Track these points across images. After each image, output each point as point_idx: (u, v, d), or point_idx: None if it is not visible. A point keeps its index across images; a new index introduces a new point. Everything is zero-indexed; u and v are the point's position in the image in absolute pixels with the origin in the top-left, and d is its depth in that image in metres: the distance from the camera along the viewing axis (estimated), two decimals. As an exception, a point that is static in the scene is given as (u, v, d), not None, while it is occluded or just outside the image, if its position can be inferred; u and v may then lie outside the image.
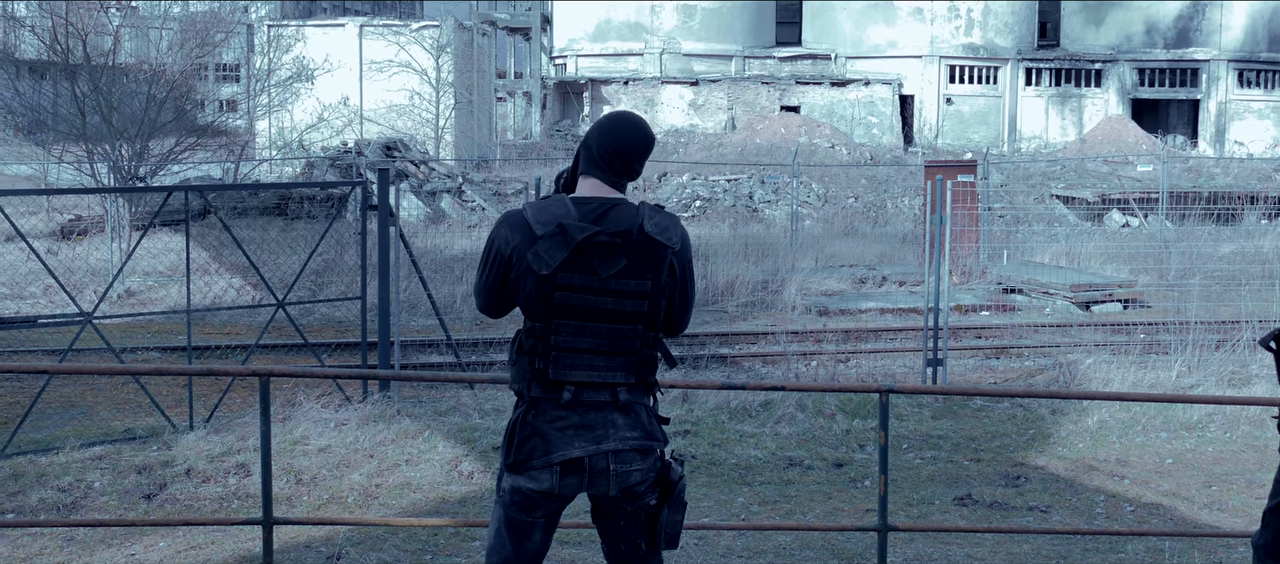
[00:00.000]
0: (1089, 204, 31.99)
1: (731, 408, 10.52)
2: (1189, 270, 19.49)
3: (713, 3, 58.22)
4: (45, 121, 30.67)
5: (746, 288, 19.19)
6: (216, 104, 43.45)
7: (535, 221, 3.89)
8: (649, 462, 4.00)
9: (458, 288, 18.14)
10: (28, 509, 8.18)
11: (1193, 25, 58.13)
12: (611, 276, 3.88)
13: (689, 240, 4.09)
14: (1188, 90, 58.66)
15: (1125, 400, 10.63)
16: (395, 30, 44.71)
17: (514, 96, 61.56)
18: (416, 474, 8.90)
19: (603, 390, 3.93)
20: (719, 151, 44.24)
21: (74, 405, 11.50)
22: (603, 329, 3.89)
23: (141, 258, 17.90)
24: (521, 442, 3.94)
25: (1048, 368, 13.46)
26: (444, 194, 31.32)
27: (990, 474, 9.35)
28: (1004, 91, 58.68)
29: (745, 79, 56.49)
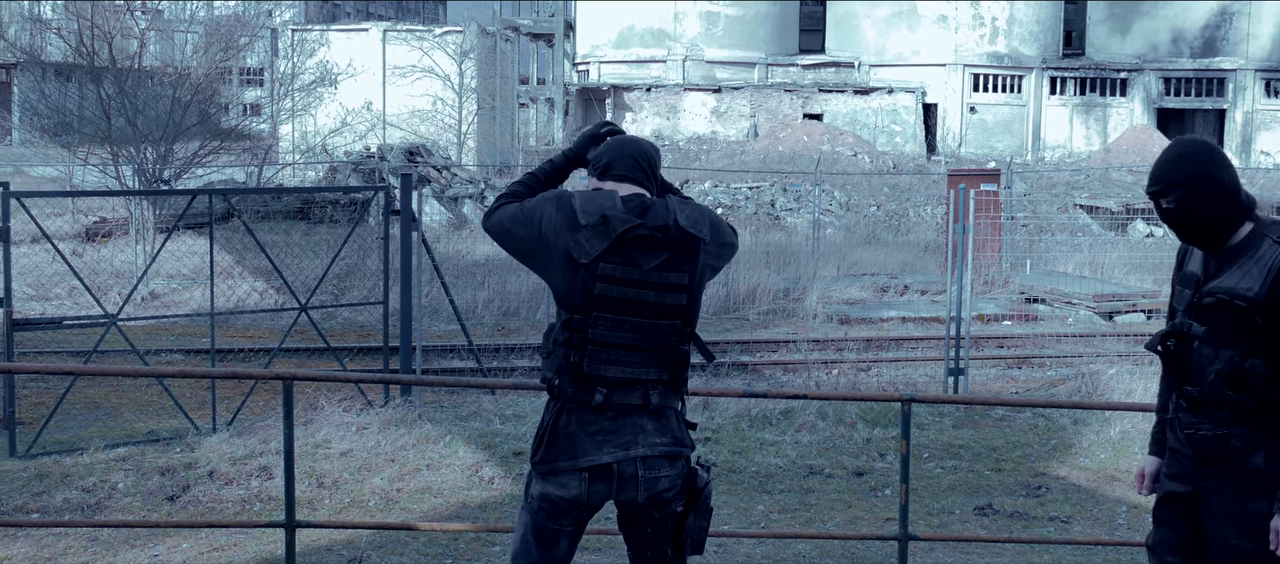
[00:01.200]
0: (1113, 214, 31.86)
1: (752, 416, 10.51)
2: (1213, 281, 19.36)
3: (736, 10, 58.24)
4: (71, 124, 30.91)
5: (768, 296, 19.18)
6: (240, 108, 43.65)
7: (581, 210, 3.90)
8: (677, 468, 3.99)
9: (479, 293, 18.19)
10: (52, 509, 8.24)
11: (1220, 34, 57.83)
12: (653, 269, 3.88)
13: (720, 222, 4.09)
14: (1214, 100, 58.35)
15: (1148, 411, 10.58)
16: (418, 35, 44.86)
17: (536, 103, 61.67)
18: (437, 479, 8.92)
19: (634, 391, 3.92)
20: (741, 159, 44.22)
21: (98, 406, 11.58)
22: (642, 323, 3.89)
23: (165, 260, 18.00)
24: (550, 443, 3.94)
25: (1070, 378, 13.41)
26: (466, 200, 31.40)
27: (1011, 484, 9.32)
28: (1028, 100, 58.48)
29: (768, 87, 56.45)
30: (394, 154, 32.46)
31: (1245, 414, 4.03)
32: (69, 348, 13.92)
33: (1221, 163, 4.04)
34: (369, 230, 21.58)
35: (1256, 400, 4.00)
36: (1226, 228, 4.03)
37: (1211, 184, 3.99)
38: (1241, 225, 4.03)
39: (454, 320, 13.20)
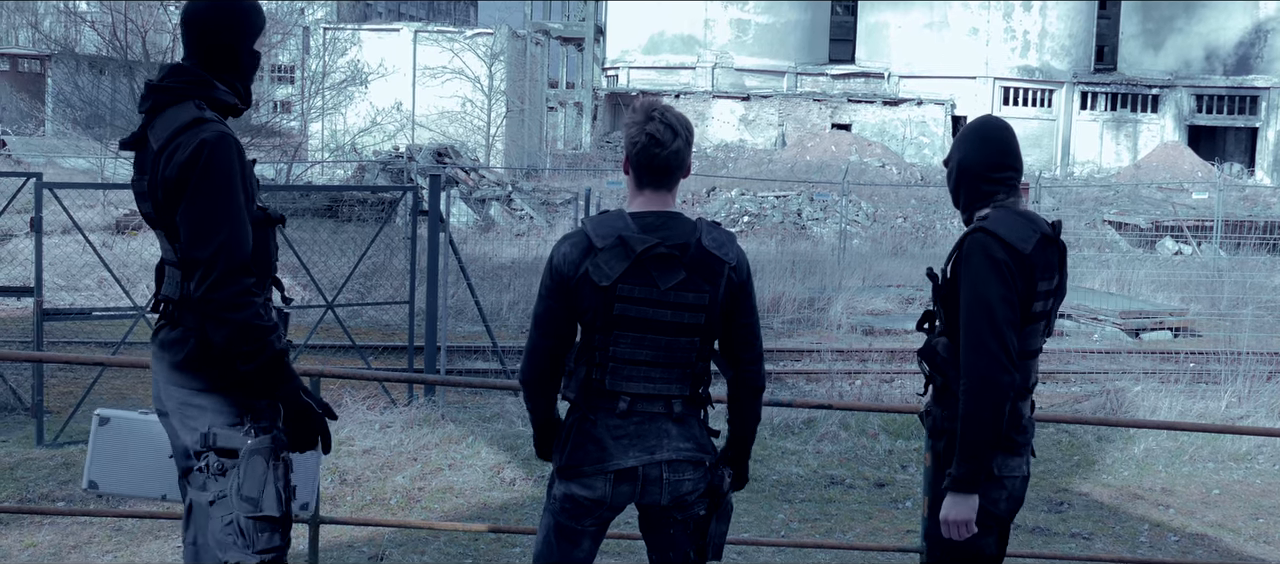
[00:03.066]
0: (1141, 230, 31.70)
1: (774, 424, 10.50)
2: (1242, 300, 19.26)
3: (767, 18, 58.23)
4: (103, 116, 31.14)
5: (793, 305, 19.16)
6: (271, 105, 43.93)
7: (595, 235, 3.91)
8: (700, 472, 4.02)
9: (505, 295, 18.24)
10: (77, 498, 8.30)
11: (1254, 52, 57.47)
12: (671, 288, 3.89)
13: (747, 261, 4.08)
14: (1247, 118, 58.00)
15: (1173, 429, 10.52)
16: (449, 37, 45.01)
17: (565, 106, 61.82)
18: (459, 479, 8.96)
19: (657, 402, 3.96)
20: (768, 167, 44.20)
21: (125, 397, 11.66)
22: (661, 341, 3.91)
23: (194, 255, 18.10)
24: (576, 447, 3.97)
25: (1094, 394, 13.34)
26: (493, 202, 31.50)
27: (1033, 499, 9.28)
28: (1058, 115, 58.26)
29: (797, 96, 56.42)
30: (422, 155, 32.60)
31: (938, 393, 4.14)
32: (97, 339, 14.02)
33: (978, 142, 4.13)
34: (396, 230, 21.67)
35: (942, 379, 4.09)
36: (959, 202, 4.17)
37: (956, 156, 4.17)
38: (983, 207, 4.10)
39: (479, 322, 13.25)
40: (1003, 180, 4.10)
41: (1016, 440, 4.04)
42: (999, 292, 3.88)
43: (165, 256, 3.84)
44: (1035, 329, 4.04)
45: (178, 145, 3.66)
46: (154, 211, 3.78)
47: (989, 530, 4.07)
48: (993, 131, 4.17)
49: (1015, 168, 4.14)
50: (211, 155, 3.65)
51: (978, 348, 3.87)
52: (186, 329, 3.74)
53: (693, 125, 4.16)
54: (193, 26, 3.86)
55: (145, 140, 3.79)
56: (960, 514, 4.00)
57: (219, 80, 3.87)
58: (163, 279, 3.91)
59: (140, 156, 3.86)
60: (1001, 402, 3.88)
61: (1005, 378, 3.86)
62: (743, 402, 4.11)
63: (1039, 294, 3.98)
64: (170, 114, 3.75)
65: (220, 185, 3.66)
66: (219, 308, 3.60)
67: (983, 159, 4.10)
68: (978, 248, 3.95)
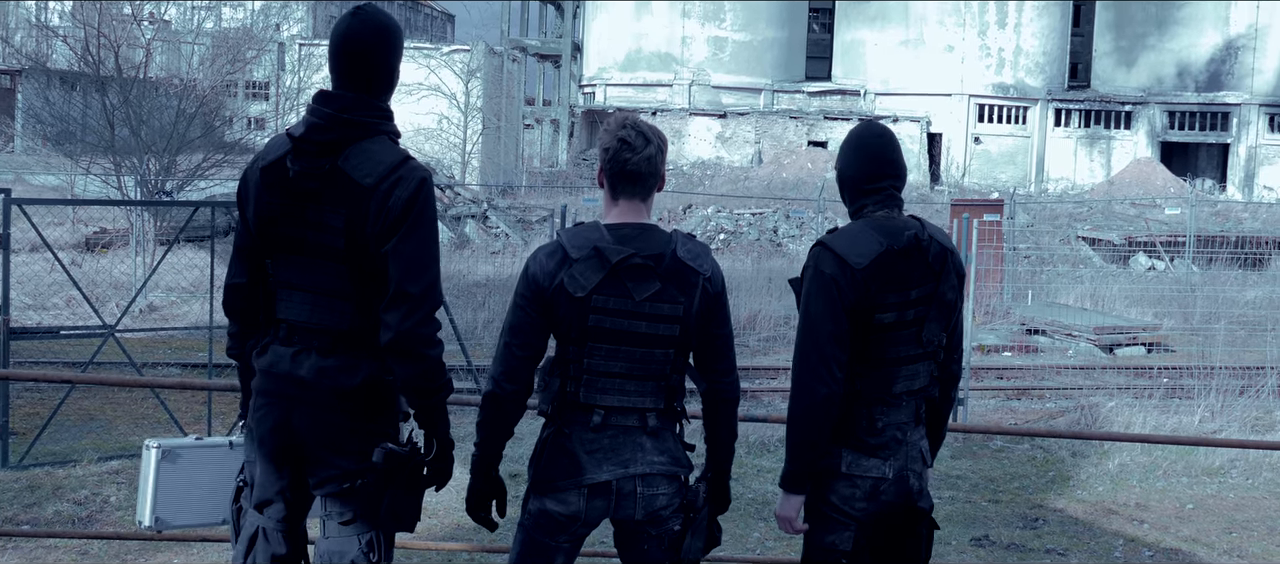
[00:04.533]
0: (1115, 246, 31.86)
1: (750, 442, 10.47)
2: (1214, 315, 19.35)
3: (744, 36, 58.39)
4: (74, 132, 30.94)
5: (769, 322, 19.15)
6: (245, 121, 43.74)
7: (570, 246, 3.89)
8: (675, 487, 3.99)
9: (480, 314, 18.17)
10: (43, 521, 8.19)
11: (1225, 69, 57.96)
12: (646, 299, 3.87)
13: (721, 273, 4.08)
14: (1218, 134, 58.44)
15: (1146, 442, 10.54)
16: (426, 53, 44.97)
17: (542, 123, 61.81)
18: (432, 498, 8.85)
19: (631, 415, 3.93)
20: (745, 185, 44.28)
21: (93, 418, 11.53)
22: (635, 353, 3.89)
23: (165, 273, 17.99)
24: (549, 461, 3.94)
25: (1069, 410, 13.37)
26: (469, 219, 31.42)
27: (1009, 516, 9.27)
28: (1033, 132, 58.58)
29: (773, 113, 56.57)
30: (397, 171, 32.46)
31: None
32: (65, 358, 13.88)
33: (854, 152, 4.19)
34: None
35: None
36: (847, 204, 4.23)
37: (838, 166, 4.26)
38: (854, 215, 4.18)
39: (454, 340, 13.18)
40: (876, 190, 4.14)
41: (869, 443, 4.10)
42: (822, 306, 3.98)
43: (332, 288, 3.82)
44: (895, 337, 4.08)
45: (398, 179, 3.73)
46: (348, 244, 3.76)
47: (842, 527, 4.13)
48: (868, 141, 4.20)
49: (891, 176, 4.17)
50: (429, 194, 3.79)
51: (800, 358, 4.02)
52: (353, 359, 3.81)
53: (667, 140, 4.13)
54: (354, 52, 3.85)
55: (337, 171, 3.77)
56: (785, 510, 4.15)
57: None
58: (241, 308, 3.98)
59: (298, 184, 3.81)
60: (819, 409, 3.99)
61: (821, 388, 3.97)
62: (717, 414, 4.09)
63: (888, 305, 4.03)
64: (368, 148, 3.79)
65: (433, 224, 3.80)
66: (419, 343, 3.71)
67: (858, 169, 4.17)
68: (811, 262, 4.07)
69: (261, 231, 3.91)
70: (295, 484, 3.96)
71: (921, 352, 4.15)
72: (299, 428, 3.86)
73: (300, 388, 3.84)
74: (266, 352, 3.94)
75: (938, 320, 4.16)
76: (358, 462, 3.83)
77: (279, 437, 3.90)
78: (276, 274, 3.92)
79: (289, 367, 3.86)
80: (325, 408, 3.83)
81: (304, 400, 3.84)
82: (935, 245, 4.13)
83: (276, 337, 3.92)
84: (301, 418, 3.85)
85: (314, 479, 3.91)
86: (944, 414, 4.39)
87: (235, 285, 4.01)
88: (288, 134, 3.90)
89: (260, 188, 3.89)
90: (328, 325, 3.84)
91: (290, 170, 3.82)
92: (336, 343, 3.84)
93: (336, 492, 3.87)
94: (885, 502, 4.13)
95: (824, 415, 4.01)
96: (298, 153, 3.82)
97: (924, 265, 4.10)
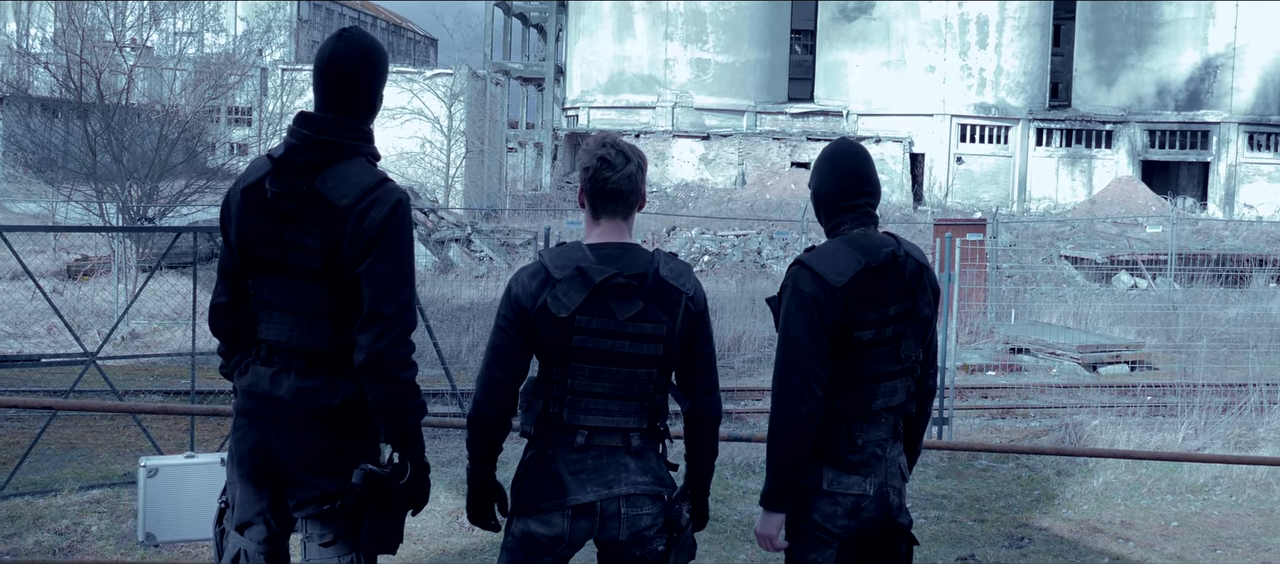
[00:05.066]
0: (1097, 265, 31.97)
1: (735, 464, 10.45)
2: (1196, 333, 19.42)
3: (726, 58, 58.56)
4: (55, 159, 30.83)
5: (753, 343, 19.15)
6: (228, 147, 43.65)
7: (553, 266, 3.89)
8: (659, 507, 3.98)
9: (464, 338, 18.13)
10: (23, 552, 8.12)
11: (1204, 87, 58.32)
12: (629, 319, 3.87)
13: (703, 292, 4.08)
14: (1198, 152, 58.76)
15: (1131, 458, 10.56)
16: (409, 77, 44.97)
17: (525, 147, 61.84)
18: (417, 525, 8.83)
19: (615, 435, 3.92)
20: (728, 206, 44.34)
21: (74, 447, 11.46)
22: (619, 373, 3.89)
23: (147, 300, 17.91)
24: (533, 482, 3.93)
25: (1054, 429, 13.39)
26: (452, 243, 31.38)
27: (994, 535, 9.27)
28: (1015, 151, 58.82)
29: (756, 134, 56.70)
30: (381, 195, 32.41)
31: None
32: (46, 387, 13.79)
33: (828, 170, 4.21)
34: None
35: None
36: (823, 225, 4.25)
37: (812, 183, 4.26)
38: (830, 232, 4.21)
39: (438, 364, 13.14)
40: (852, 207, 4.17)
41: (849, 460, 4.11)
42: (802, 324, 4.00)
43: (311, 308, 3.82)
44: (873, 354, 4.09)
45: (373, 201, 3.74)
46: (326, 265, 3.77)
47: (824, 544, 4.14)
48: (843, 159, 4.22)
49: (867, 193, 4.20)
50: (405, 216, 3.80)
51: (780, 377, 4.03)
52: (332, 379, 3.82)
53: (648, 159, 4.13)
54: (337, 74, 3.87)
55: (315, 192, 3.78)
56: (765, 529, 4.16)
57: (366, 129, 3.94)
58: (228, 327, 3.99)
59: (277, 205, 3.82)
60: (800, 427, 4.00)
61: (801, 406, 3.98)
62: (699, 433, 4.09)
63: (867, 323, 4.04)
64: (345, 169, 3.80)
65: (408, 245, 3.80)
66: (392, 364, 3.71)
67: (834, 186, 4.19)
68: (790, 281, 4.08)
69: (242, 252, 3.92)
70: (276, 506, 3.94)
71: (900, 368, 4.16)
72: (278, 448, 3.85)
73: (279, 408, 3.84)
74: (247, 372, 3.95)
75: (915, 336, 4.18)
76: (337, 483, 3.82)
77: (258, 457, 3.89)
78: (257, 294, 3.93)
79: (268, 386, 3.87)
80: (304, 428, 3.83)
81: (283, 420, 3.84)
82: (911, 262, 4.15)
83: (257, 357, 3.93)
84: (280, 438, 3.85)
85: (293, 500, 3.89)
86: (920, 429, 4.40)
87: (218, 305, 4.03)
88: (268, 155, 3.91)
89: (241, 209, 3.91)
90: (307, 346, 3.84)
91: (269, 191, 3.83)
92: (315, 363, 3.84)
93: (316, 513, 3.86)
94: (866, 519, 4.14)
95: (804, 434, 4.01)
96: (277, 174, 3.83)
97: (901, 282, 4.12)
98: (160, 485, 4.87)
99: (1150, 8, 59.14)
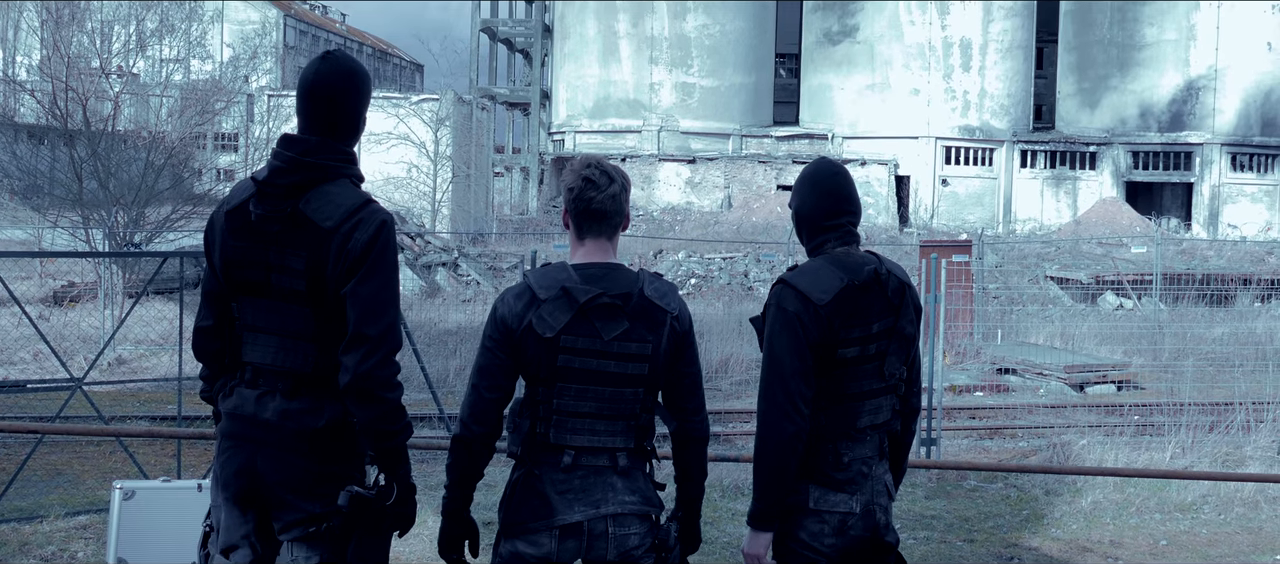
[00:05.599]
0: (1083, 285, 32.07)
1: (723, 486, 10.45)
2: (1183, 352, 19.49)
3: (711, 82, 58.73)
4: (41, 186, 30.75)
5: (741, 366, 19.14)
6: (214, 172, 43.62)
7: (538, 287, 3.90)
8: (646, 526, 3.98)
9: (451, 362, 18.10)
10: (9, 577, 8.07)
11: (1186, 109, 58.65)
12: (614, 339, 3.88)
13: (688, 312, 4.09)
14: (1182, 173, 59.05)
15: (1119, 476, 10.58)
16: (395, 102, 44.99)
17: (511, 171, 61.87)
18: (405, 549, 8.79)
19: (602, 455, 3.92)
20: (715, 229, 44.40)
21: (60, 473, 11.40)
22: (604, 392, 3.89)
23: (133, 325, 17.85)
24: (520, 503, 3.92)
25: (1042, 449, 13.41)
26: (439, 267, 31.36)
27: (984, 555, 9.27)
28: (999, 173, 59.03)
29: (742, 158, 56.83)
30: (367, 220, 32.38)
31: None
32: (32, 413, 13.73)
33: (810, 190, 4.24)
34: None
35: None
36: (804, 244, 4.26)
37: (794, 203, 4.26)
38: (812, 252, 4.23)
39: (425, 389, 13.11)
40: (834, 227, 4.19)
41: (836, 478, 4.11)
42: (786, 343, 4.01)
43: (296, 330, 3.82)
44: (858, 372, 4.11)
45: (358, 222, 3.75)
46: (310, 286, 3.78)
47: (811, 563, 4.14)
48: (824, 179, 4.26)
49: (848, 212, 4.23)
50: (389, 237, 3.80)
51: (766, 395, 4.04)
52: (317, 401, 3.81)
53: (632, 181, 4.15)
54: (321, 96, 3.87)
55: (299, 214, 3.79)
56: (753, 548, 4.17)
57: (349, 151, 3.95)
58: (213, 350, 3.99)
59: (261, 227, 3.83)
60: (786, 446, 4.00)
61: (788, 425, 3.99)
62: (687, 452, 4.09)
63: (851, 341, 4.06)
64: (329, 191, 3.81)
65: (393, 267, 3.81)
66: (377, 385, 3.71)
67: (816, 206, 4.21)
68: (774, 299, 4.09)
69: (226, 275, 3.92)
70: (261, 529, 3.93)
71: (884, 385, 4.18)
72: (263, 471, 3.84)
73: (264, 430, 3.83)
74: (232, 394, 3.94)
75: (898, 354, 4.19)
76: (323, 505, 3.81)
77: (243, 480, 3.87)
78: (242, 317, 3.92)
79: (253, 409, 3.86)
80: (289, 450, 3.82)
81: (268, 443, 3.83)
82: (893, 280, 4.17)
83: (242, 379, 3.92)
84: (266, 461, 3.84)
85: (279, 523, 3.88)
86: (905, 448, 4.41)
87: (203, 328, 4.03)
88: (252, 177, 3.92)
89: (225, 232, 3.91)
90: (292, 368, 3.84)
91: (253, 214, 3.84)
92: (301, 385, 3.83)
93: (302, 536, 3.85)
94: (853, 537, 4.14)
95: (791, 452, 4.02)
96: (261, 196, 3.84)
97: (884, 300, 4.13)
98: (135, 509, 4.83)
99: (1132, 30, 59.49)
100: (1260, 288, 30.80)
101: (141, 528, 4.83)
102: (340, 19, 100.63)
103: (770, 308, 4.09)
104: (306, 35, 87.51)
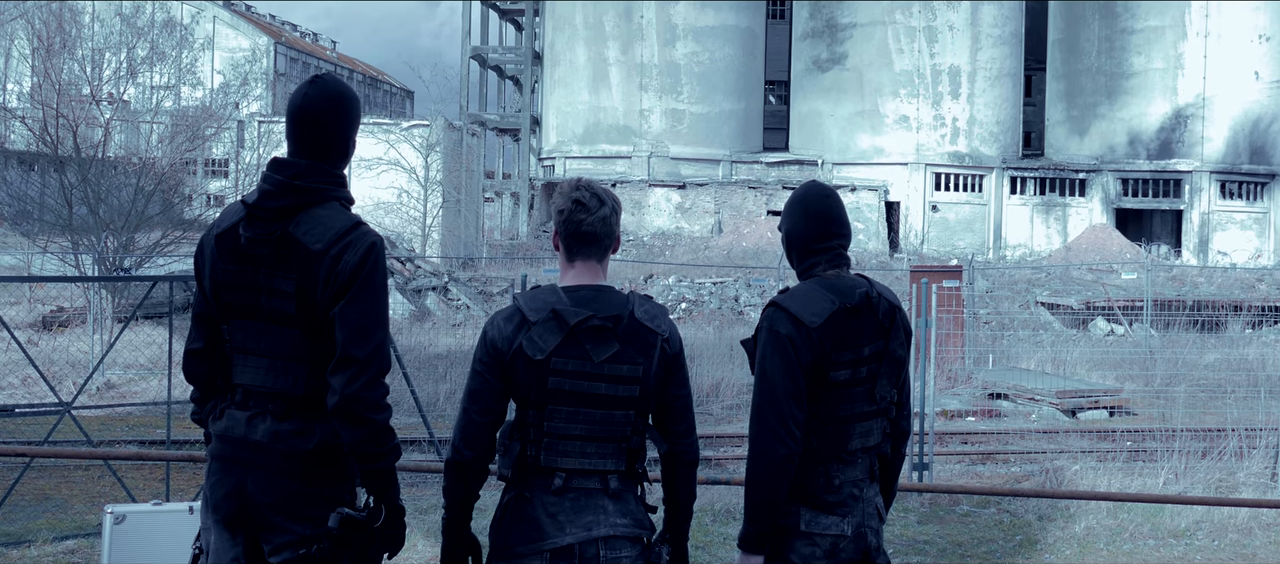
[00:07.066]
0: (1074, 311, 32.11)
1: (715, 510, 10.40)
2: (1174, 378, 19.50)
3: (701, 108, 58.87)
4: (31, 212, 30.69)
5: (732, 390, 19.10)
6: (204, 198, 43.55)
7: (528, 309, 3.88)
8: (638, 549, 3.96)
9: (441, 386, 18.04)
10: (-4, 603, 8.00)
11: (1175, 136, 58.89)
12: (605, 361, 3.86)
13: (679, 334, 4.08)
14: (1171, 200, 59.26)
15: (1112, 500, 10.56)
16: (385, 128, 45.02)
17: (501, 196, 61.90)
18: (395, 572, 8.74)
19: (593, 477, 3.91)
20: (705, 254, 44.41)
21: (48, 498, 11.32)
22: (595, 415, 3.88)
23: (122, 350, 17.78)
24: (511, 526, 3.90)
25: (1034, 474, 13.38)
26: (429, 292, 31.31)
27: (977, 580, 9.23)
28: (989, 199, 59.19)
29: (732, 183, 56.92)
30: (358, 246, 32.35)
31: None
32: (20, 437, 13.64)
33: (800, 213, 4.25)
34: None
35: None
36: (794, 267, 4.27)
37: (784, 227, 4.28)
38: (803, 275, 4.21)
39: (415, 413, 13.06)
40: (825, 250, 4.20)
41: (826, 501, 4.10)
42: (779, 365, 4.00)
43: (286, 352, 3.83)
44: (849, 394, 4.10)
45: (347, 244, 3.77)
46: (300, 309, 3.78)
47: None
48: (814, 203, 4.27)
49: (838, 235, 4.24)
50: (378, 259, 3.83)
51: (758, 418, 4.03)
52: (307, 423, 3.81)
53: (622, 204, 4.14)
54: (310, 120, 3.90)
55: (288, 237, 3.80)
56: None
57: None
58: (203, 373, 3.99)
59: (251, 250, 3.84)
60: (778, 469, 3.99)
61: (780, 448, 3.98)
62: (676, 475, 4.07)
63: (842, 363, 4.06)
64: (318, 214, 3.82)
65: (381, 289, 3.82)
66: (365, 407, 3.71)
67: (806, 229, 4.22)
68: (766, 322, 4.09)
69: (216, 298, 3.92)
70: (251, 551, 3.90)
71: (875, 408, 4.17)
72: (253, 493, 3.82)
73: (255, 452, 3.82)
74: (222, 416, 3.93)
75: (889, 377, 4.19)
76: (313, 527, 3.80)
77: (233, 502, 3.85)
78: (232, 339, 3.92)
79: (244, 431, 3.85)
80: (279, 472, 3.81)
81: (258, 465, 3.82)
82: (884, 303, 4.18)
83: (232, 401, 3.92)
84: (256, 483, 3.82)
85: (269, 546, 3.85)
86: (896, 471, 4.40)
87: (193, 351, 4.03)
88: (242, 201, 3.93)
89: (215, 255, 3.92)
90: (282, 390, 3.83)
91: (243, 237, 3.85)
92: (291, 407, 3.83)
93: (292, 558, 3.83)
94: (844, 559, 4.13)
95: (783, 475, 4.01)
96: (251, 219, 3.84)
97: (874, 322, 4.13)
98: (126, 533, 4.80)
99: (1120, 60, 59.78)
100: (1251, 315, 30.89)
101: (133, 552, 4.79)
102: (331, 46, 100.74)
103: (762, 331, 4.08)
104: (297, 62, 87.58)
